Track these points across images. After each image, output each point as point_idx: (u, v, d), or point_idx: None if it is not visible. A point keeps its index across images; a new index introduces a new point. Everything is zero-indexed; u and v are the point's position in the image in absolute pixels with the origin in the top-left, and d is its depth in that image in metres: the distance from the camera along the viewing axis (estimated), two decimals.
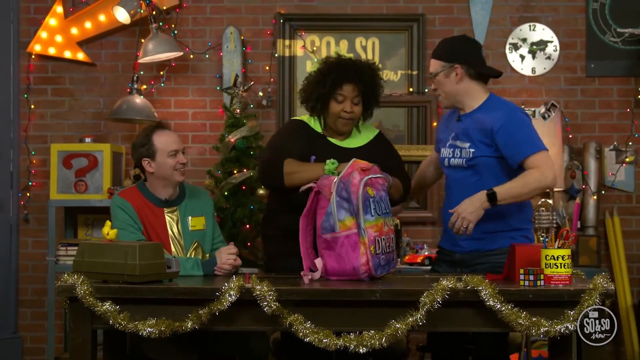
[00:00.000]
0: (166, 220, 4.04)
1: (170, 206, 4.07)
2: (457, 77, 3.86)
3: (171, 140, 4.03)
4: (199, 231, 4.10)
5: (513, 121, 3.78)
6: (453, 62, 3.86)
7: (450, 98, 3.92)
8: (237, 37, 5.87)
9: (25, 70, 5.95)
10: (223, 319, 3.24)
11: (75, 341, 3.35)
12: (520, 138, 3.75)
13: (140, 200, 4.02)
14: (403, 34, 5.95)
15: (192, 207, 4.11)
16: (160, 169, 4.00)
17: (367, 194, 3.56)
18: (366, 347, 3.14)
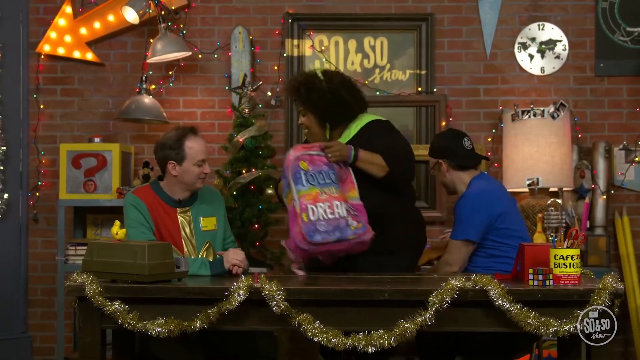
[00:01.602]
0: (179, 221, 4.05)
1: (183, 206, 4.09)
2: (445, 170, 4.40)
3: (201, 150, 4.06)
4: (211, 231, 4.12)
5: (463, 203, 4.23)
6: (438, 158, 4.42)
7: (445, 187, 4.52)
8: (246, 37, 5.87)
9: (34, 70, 5.96)
10: (232, 318, 3.24)
11: (84, 341, 3.36)
12: (456, 219, 4.26)
13: (153, 199, 4.04)
14: (412, 34, 5.94)
15: (204, 207, 4.14)
16: (184, 174, 4.03)
17: (299, 167, 3.90)
18: (375, 347, 3.15)
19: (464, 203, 4.22)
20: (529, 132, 5.47)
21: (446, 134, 4.64)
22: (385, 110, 5.90)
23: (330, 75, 4.28)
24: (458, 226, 4.21)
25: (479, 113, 5.90)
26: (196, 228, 4.08)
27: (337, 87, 4.21)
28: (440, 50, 5.93)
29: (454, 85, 5.91)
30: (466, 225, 4.16)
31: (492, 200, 4.21)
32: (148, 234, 3.94)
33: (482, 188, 4.26)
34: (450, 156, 4.37)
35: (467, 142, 4.41)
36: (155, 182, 4.14)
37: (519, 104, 5.69)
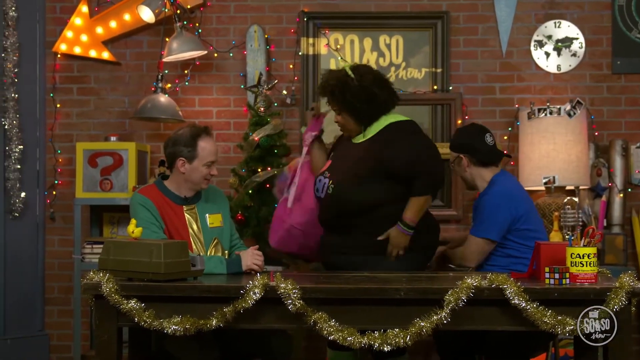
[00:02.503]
0: (186, 218, 4.07)
1: (189, 204, 4.11)
2: (465, 165, 4.40)
3: (213, 151, 4.10)
4: (217, 228, 4.14)
5: (485, 202, 4.25)
6: (459, 153, 4.43)
7: (465, 182, 4.57)
8: (261, 35, 5.88)
9: (51, 69, 5.99)
10: (247, 317, 3.25)
11: (101, 339, 3.38)
12: (478, 216, 4.27)
13: (160, 198, 4.05)
14: (427, 32, 5.93)
15: (209, 205, 4.17)
16: (192, 173, 4.05)
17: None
18: (391, 345, 3.15)
19: (488, 200, 4.22)
20: (545, 130, 5.45)
21: (468, 129, 4.58)
22: (401, 109, 5.82)
23: (361, 72, 4.29)
24: (480, 223, 4.21)
25: (495, 111, 5.88)
26: (203, 225, 4.10)
27: (369, 84, 4.24)
28: (456, 48, 5.91)
29: (470, 84, 5.90)
30: (488, 224, 4.17)
31: (516, 200, 4.21)
32: (159, 233, 3.95)
33: (506, 187, 4.28)
34: (471, 151, 4.38)
35: (489, 138, 4.40)
36: (160, 181, 4.16)
37: (535, 102, 5.67)
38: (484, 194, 4.31)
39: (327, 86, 4.32)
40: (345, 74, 4.26)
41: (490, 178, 4.35)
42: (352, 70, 4.28)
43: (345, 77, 4.26)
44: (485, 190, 4.31)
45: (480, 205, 4.26)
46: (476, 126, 4.54)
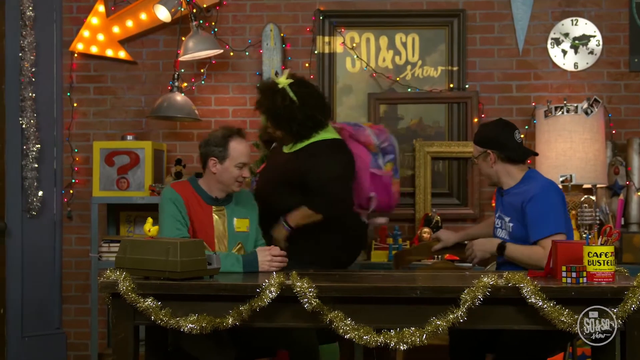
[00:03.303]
0: (213, 219, 4.08)
1: (219, 205, 4.12)
2: (491, 161, 4.21)
3: (245, 152, 4.10)
4: (243, 233, 4.14)
5: (540, 198, 4.02)
6: (486, 148, 4.23)
7: (489, 178, 4.32)
8: (277, 34, 5.88)
9: (68, 69, 6.02)
10: (263, 315, 3.25)
11: (117, 337, 3.39)
12: (542, 217, 3.99)
13: (191, 194, 4.08)
14: (443, 30, 5.91)
15: (238, 209, 4.17)
16: (223, 174, 4.06)
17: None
18: (407, 344, 3.14)
19: (551, 196, 4.05)
20: (562, 128, 5.43)
21: (497, 124, 4.36)
22: (416, 107, 5.90)
23: (298, 92, 4.45)
24: (545, 221, 3.98)
25: (512, 109, 5.86)
26: (230, 228, 4.11)
27: (303, 105, 4.44)
28: (472, 47, 5.89)
29: (486, 82, 5.88)
30: (554, 218, 4.01)
31: (562, 193, 4.17)
32: (182, 230, 3.96)
33: (548, 180, 4.20)
34: (500, 147, 4.19)
35: (518, 135, 4.26)
36: (194, 179, 4.18)
37: (552, 100, 5.65)
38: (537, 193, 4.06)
39: (262, 105, 4.53)
40: (283, 92, 4.43)
41: (521, 175, 4.19)
42: (290, 88, 4.44)
43: (281, 96, 4.42)
44: (538, 189, 4.07)
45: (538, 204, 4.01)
46: (504, 121, 4.38)
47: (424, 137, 5.86)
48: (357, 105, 5.93)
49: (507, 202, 4.19)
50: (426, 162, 5.80)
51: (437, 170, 5.84)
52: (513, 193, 4.16)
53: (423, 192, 5.79)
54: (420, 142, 5.82)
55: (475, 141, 4.32)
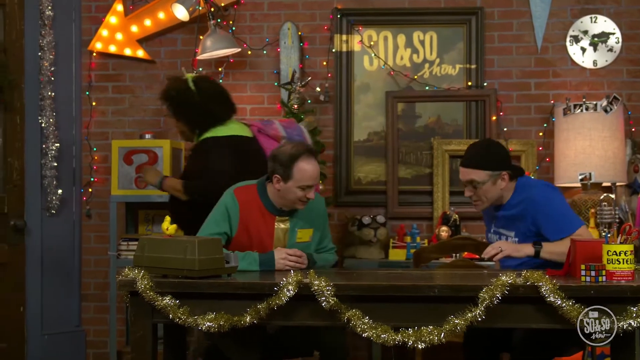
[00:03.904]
0: (275, 228, 4.03)
1: (282, 215, 4.04)
2: (504, 182, 4.00)
3: (312, 176, 3.92)
4: (304, 243, 4.07)
5: (547, 202, 3.93)
6: (500, 170, 3.98)
7: (492, 201, 4.05)
8: (295, 32, 5.88)
9: (86, 68, 6.04)
10: (281, 313, 3.25)
11: (136, 335, 3.40)
12: (558, 219, 3.91)
13: (253, 201, 4.00)
14: (461, 28, 5.90)
15: (303, 219, 4.07)
16: (286, 193, 3.93)
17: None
18: (425, 343, 3.13)
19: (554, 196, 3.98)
20: (581, 126, 5.40)
21: (499, 144, 4.20)
22: (434, 105, 5.88)
23: (202, 86, 4.57)
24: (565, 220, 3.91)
25: (530, 107, 5.83)
26: (290, 239, 4.04)
27: (207, 100, 4.57)
28: (491, 44, 5.87)
29: (505, 80, 5.86)
30: (571, 214, 3.96)
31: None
32: (223, 226, 3.96)
33: (548, 183, 4.19)
34: (511, 166, 4.05)
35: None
36: (262, 184, 4.05)
37: (570, 97, 5.62)
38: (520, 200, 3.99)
39: (167, 96, 4.61)
40: (187, 87, 4.53)
41: (513, 185, 4.04)
42: (194, 84, 4.55)
43: (185, 89, 4.56)
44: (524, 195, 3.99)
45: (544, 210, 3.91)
46: (495, 140, 4.29)
47: (441, 135, 5.85)
48: (375, 103, 5.92)
49: (507, 216, 4.06)
50: (444, 160, 5.79)
51: (455, 169, 5.82)
52: (511, 205, 4.04)
53: (441, 191, 5.77)
54: (438, 140, 5.81)
55: (482, 166, 3.99)
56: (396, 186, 5.84)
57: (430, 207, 5.80)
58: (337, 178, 5.87)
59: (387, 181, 5.85)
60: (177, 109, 4.59)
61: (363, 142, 5.94)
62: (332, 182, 5.87)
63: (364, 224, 5.53)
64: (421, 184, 5.88)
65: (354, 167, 5.92)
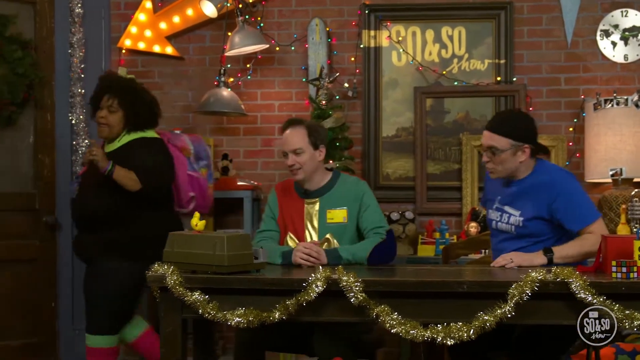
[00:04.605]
0: (304, 211, 4.10)
1: (310, 197, 4.12)
2: (524, 156, 3.89)
3: (284, 142, 4.11)
4: (337, 224, 4.07)
5: (569, 189, 3.84)
6: (523, 142, 3.88)
7: (507, 172, 3.94)
8: (323, 28, 5.88)
9: (116, 65, 6.08)
10: (310, 309, 3.25)
11: (166, 330, 3.42)
12: (578, 207, 3.82)
13: (288, 189, 4.19)
14: (490, 23, 5.86)
15: (335, 199, 4.09)
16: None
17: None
18: (454, 339, 3.12)
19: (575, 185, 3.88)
20: (612, 121, 5.35)
21: (527, 117, 4.06)
22: (463, 101, 5.86)
23: (145, 88, 4.74)
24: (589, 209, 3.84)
25: (560, 102, 5.79)
26: (321, 220, 4.08)
27: (153, 101, 4.68)
28: (520, 39, 5.84)
29: (534, 75, 5.82)
30: (589, 203, 3.87)
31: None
32: (270, 224, 4.16)
33: (568, 171, 4.05)
34: (535, 141, 3.92)
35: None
36: None
37: (601, 92, 5.57)
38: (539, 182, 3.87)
39: (119, 84, 4.57)
40: (134, 80, 4.74)
41: (533, 165, 3.94)
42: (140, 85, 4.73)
43: (135, 82, 4.69)
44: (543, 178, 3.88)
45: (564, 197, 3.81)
46: (524, 112, 4.09)
47: (470, 131, 5.82)
48: (403, 99, 5.91)
49: (516, 193, 3.93)
50: (473, 156, 5.76)
51: (484, 164, 5.78)
52: (526, 183, 3.92)
53: (470, 186, 5.75)
54: (466, 135, 5.78)
55: (506, 133, 3.88)
56: (425, 182, 5.83)
57: (459, 202, 5.78)
58: (365, 174, 5.87)
59: (416, 177, 5.84)
60: (129, 98, 4.54)
61: (391, 138, 5.93)
62: (361, 178, 5.84)
63: (393, 220, 5.52)
64: (450, 179, 5.86)
65: (382, 163, 5.92)
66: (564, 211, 3.81)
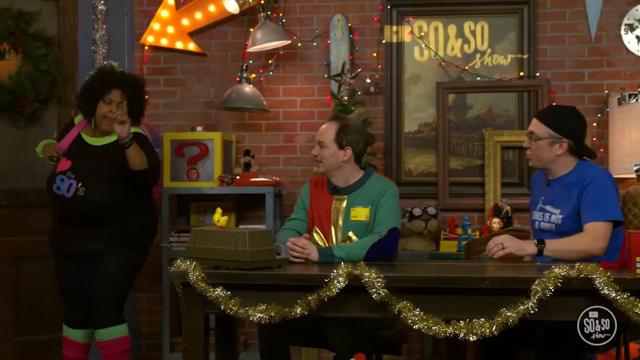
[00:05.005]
0: (332, 208, 4.13)
1: (338, 194, 4.15)
2: (561, 150, 3.92)
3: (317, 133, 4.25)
4: (360, 222, 4.08)
5: (600, 183, 3.82)
6: (563, 136, 3.91)
7: (542, 162, 3.99)
8: (345, 24, 5.87)
9: (139, 61, 6.11)
10: (332, 305, 3.25)
11: (188, 325, 3.43)
12: (599, 201, 3.78)
13: (321, 184, 4.25)
14: (513, 17, 5.83)
15: (361, 197, 4.11)
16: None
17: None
18: (476, 335, 3.11)
19: (606, 184, 3.85)
20: (636, 116, 5.31)
21: (579, 115, 4.04)
22: (486, 96, 5.83)
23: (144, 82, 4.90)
24: (600, 206, 3.78)
25: (584, 97, 5.75)
26: (346, 217, 4.10)
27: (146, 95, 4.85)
28: (543, 34, 5.80)
29: (557, 69, 5.78)
30: (610, 204, 3.81)
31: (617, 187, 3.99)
32: (300, 214, 4.23)
33: (608, 172, 4.03)
34: (578, 140, 3.94)
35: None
36: None
37: (625, 87, 5.53)
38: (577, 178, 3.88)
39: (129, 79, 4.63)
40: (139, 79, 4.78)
41: (573, 165, 3.95)
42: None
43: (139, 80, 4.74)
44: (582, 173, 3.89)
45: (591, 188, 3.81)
46: (579, 112, 4.09)
47: (493, 126, 5.80)
48: (426, 94, 5.89)
49: (558, 190, 3.96)
50: (496, 152, 5.74)
51: (507, 160, 5.78)
52: (566, 180, 3.94)
53: (493, 182, 5.73)
54: (489, 131, 5.76)
55: (548, 123, 3.95)
56: (447, 178, 5.81)
57: (482, 198, 5.76)
58: (387, 169, 5.86)
59: (438, 172, 5.82)
60: (137, 95, 4.63)
61: (414, 134, 5.91)
62: (383, 173, 5.85)
63: (415, 216, 5.51)
64: (472, 175, 5.84)
65: (404, 158, 5.90)
66: (585, 201, 3.80)
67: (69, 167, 4.50)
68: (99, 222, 4.47)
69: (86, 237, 4.49)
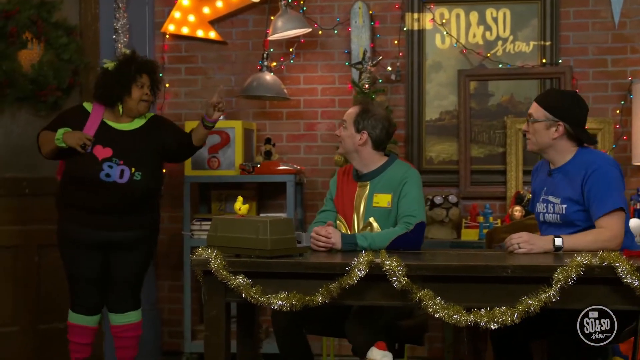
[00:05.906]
0: (355, 194, 4.14)
1: (361, 180, 4.16)
2: (557, 134, 3.84)
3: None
4: (381, 209, 4.07)
5: (604, 171, 3.74)
6: (559, 119, 3.83)
7: (539, 146, 3.92)
8: (366, 12, 5.85)
9: (160, 50, 6.12)
10: (353, 293, 3.26)
11: (209, 313, 3.44)
12: (602, 192, 3.70)
13: (348, 173, 4.27)
14: (535, 4, 5.79)
15: (383, 184, 4.11)
16: None
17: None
18: (497, 324, 3.10)
19: (610, 170, 3.77)
20: None
21: (576, 98, 3.97)
22: (508, 83, 5.80)
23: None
24: (608, 196, 3.70)
25: (607, 84, 5.71)
26: (368, 204, 4.10)
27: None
28: (566, 21, 5.75)
29: (580, 56, 5.74)
30: (618, 193, 3.73)
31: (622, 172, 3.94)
32: (328, 205, 4.26)
33: (611, 157, 3.94)
34: (574, 123, 3.84)
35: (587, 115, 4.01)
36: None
37: None
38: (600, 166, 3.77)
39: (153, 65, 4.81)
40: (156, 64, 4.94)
41: (573, 153, 3.86)
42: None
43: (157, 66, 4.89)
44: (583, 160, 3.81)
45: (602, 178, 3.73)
46: (581, 97, 4.02)
47: (515, 114, 5.76)
48: (447, 82, 5.86)
49: (559, 178, 3.87)
50: (517, 139, 5.71)
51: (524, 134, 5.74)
52: (567, 167, 3.86)
53: (514, 170, 5.70)
54: (511, 118, 5.73)
55: (545, 106, 3.88)
56: (468, 166, 5.79)
57: (504, 186, 5.74)
58: (408, 157, 5.84)
59: (460, 160, 5.80)
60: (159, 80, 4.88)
61: (435, 122, 5.89)
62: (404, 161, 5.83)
63: (436, 204, 5.50)
64: (494, 163, 5.82)
65: (425, 146, 5.89)
66: (590, 191, 3.72)
67: (112, 154, 4.52)
68: (140, 208, 4.61)
69: (124, 226, 4.57)
